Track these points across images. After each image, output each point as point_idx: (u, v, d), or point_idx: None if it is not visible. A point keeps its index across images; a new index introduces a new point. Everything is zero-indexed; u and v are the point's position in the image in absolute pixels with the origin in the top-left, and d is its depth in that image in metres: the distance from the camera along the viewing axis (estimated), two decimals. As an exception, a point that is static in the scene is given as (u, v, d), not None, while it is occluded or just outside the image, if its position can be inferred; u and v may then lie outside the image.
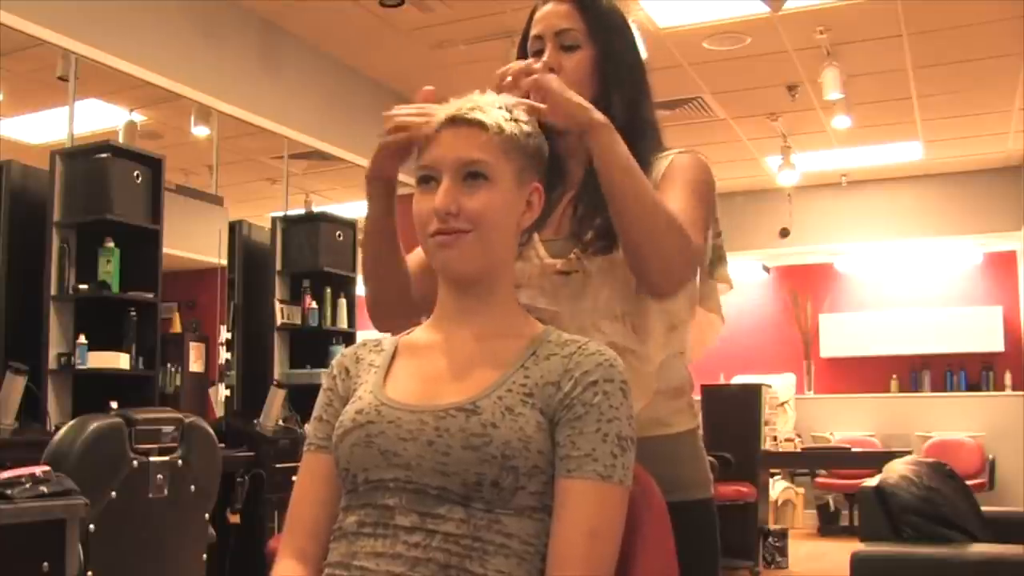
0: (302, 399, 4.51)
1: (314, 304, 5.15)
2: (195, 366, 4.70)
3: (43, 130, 4.84)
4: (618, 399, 1.14)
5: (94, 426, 2.69)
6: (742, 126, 7.27)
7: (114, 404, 3.61)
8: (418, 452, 1.11)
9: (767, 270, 10.12)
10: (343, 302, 5.32)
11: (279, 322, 5.06)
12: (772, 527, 6.70)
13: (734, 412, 6.40)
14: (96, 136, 4.62)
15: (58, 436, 2.65)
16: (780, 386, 9.03)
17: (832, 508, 8.61)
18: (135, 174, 4.03)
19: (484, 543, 1.08)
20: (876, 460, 5.78)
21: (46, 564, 2.23)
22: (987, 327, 9.12)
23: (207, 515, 3.03)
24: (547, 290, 1.44)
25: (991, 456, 8.34)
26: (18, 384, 3.44)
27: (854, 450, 7.53)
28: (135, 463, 2.76)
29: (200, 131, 5.19)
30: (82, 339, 3.84)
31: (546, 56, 1.51)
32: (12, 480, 2.21)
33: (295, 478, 1.26)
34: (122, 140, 4.67)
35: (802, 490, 8.55)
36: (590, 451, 1.11)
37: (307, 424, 1.49)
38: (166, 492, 2.83)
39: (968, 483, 3.69)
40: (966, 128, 7.31)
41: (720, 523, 1.53)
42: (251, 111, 5.22)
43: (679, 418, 1.49)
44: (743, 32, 5.57)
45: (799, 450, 8.14)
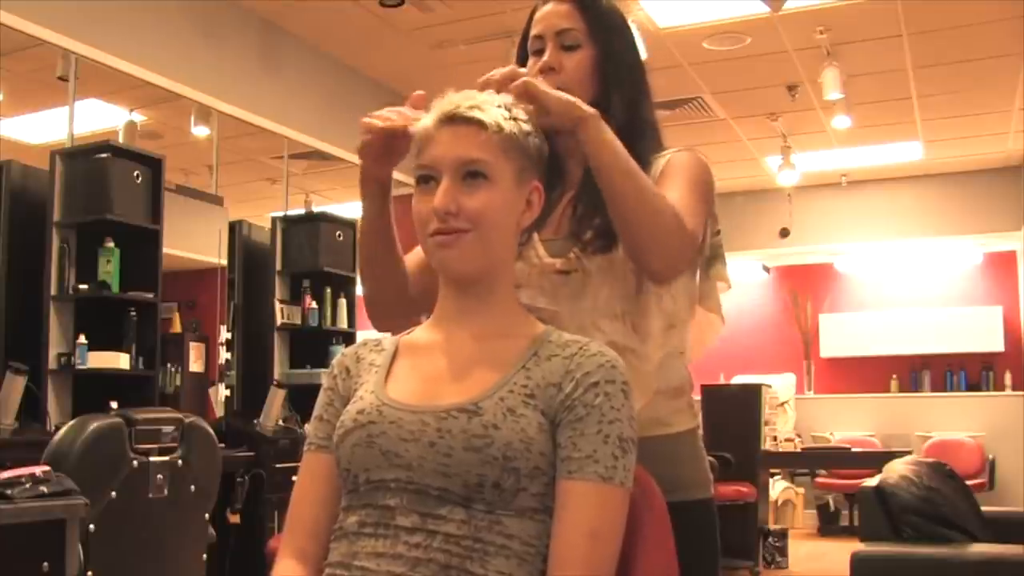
0: (302, 399, 4.51)
1: (314, 304, 5.15)
2: (195, 366, 4.70)
3: (43, 130, 4.84)
4: (619, 400, 1.13)
5: (94, 426, 2.69)
6: (742, 126, 7.27)
7: (114, 404, 3.61)
8: (419, 453, 1.11)
9: (767, 270, 10.12)
10: (343, 302, 5.32)
11: (279, 322, 5.06)
12: (772, 527, 6.69)
13: (734, 412, 6.40)
14: (96, 136, 4.61)
15: (58, 436, 2.65)
16: (780, 386, 9.02)
17: (832, 508, 8.60)
18: (135, 174, 4.03)
19: (485, 544, 1.08)
20: (876, 460, 5.78)
21: (46, 564, 2.23)
22: (987, 327, 9.12)
23: (207, 515, 3.03)
24: (547, 289, 1.44)
25: (991, 456, 8.34)
26: (18, 384, 3.44)
27: (854, 450, 7.52)
28: (135, 463, 2.76)
29: (200, 131, 5.19)
30: (82, 339, 3.84)
31: (547, 56, 1.50)
32: (12, 480, 2.21)
33: (295, 478, 1.26)
34: (122, 140, 4.67)
35: (802, 490, 8.55)
36: (591, 452, 1.10)
37: (307, 424, 1.49)
38: (166, 492, 2.83)
39: (968, 483, 3.69)
40: (966, 128, 7.31)
41: (720, 523, 1.53)
42: (251, 111, 5.22)
43: (679, 418, 1.49)
44: (743, 32, 5.57)
45: (799, 450, 8.14)
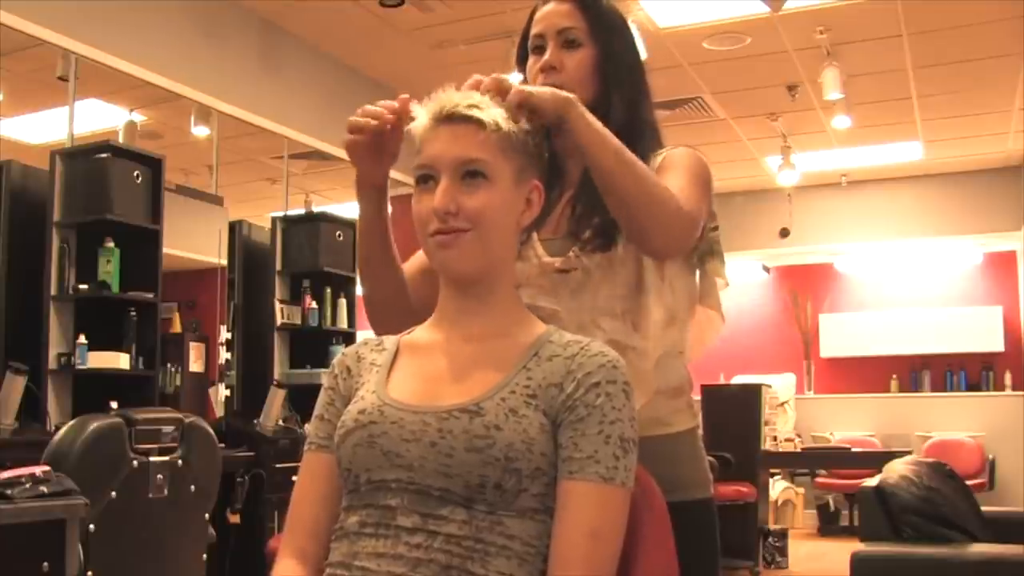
0: (302, 399, 4.51)
1: (314, 304, 5.15)
2: (195, 366, 4.70)
3: (43, 130, 4.84)
4: (620, 400, 1.13)
5: (94, 426, 2.69)
6: (742, 126, 7.26)
7: (114, 404, 3.61)
8: (421, 453, 1.11)
9: (767, 270, 10.12)
10: (343, 302, 5.32)
11: (279, 322, 5.06)
12: (772, 527, 6.69)
13: (734, 412, 6.40)
14: (96, 136, 4.62)
15: (58, 436, 2.65)
16: (780, 386, 9.02)
17: (832, 508, 8.60)
18: (135, 174, 4.03)
19: (486, 544, 1.08)
20: (876, 460, 5.78)
21: (46, 564, 2.23)
22: (987, 327, 9.12)
23: (207, 515, 3.03)
24: (547, 288, 1.44)
25: (991, 456, 8.34)
26: (18, 384, 3.44)
27: (854, 450, 7.52)
28: (135, 463, 2.76)
29: (200, 131, 5.19)
30: (82, 339, 3.84)
31: (548, 54, 1.51)
32: (12, 480, 2.21)
33: (295, 478, 1.26)
34: (122, 140, 4.68)
35: (802, 490, 8.55)
36: (592, 453, 1.10)
37: (307, 424, 1.49)
38: (166, 492, 2.83)
39: (968, 483, 3.69)
40: (966, 128, 7.31)
41: (720, 523, 1.53)
42: (251, 111, 5.22)
43: (679, 417, 1.50)
44: (743, 32, 5.57)
45: (799, 450, 8.14)
